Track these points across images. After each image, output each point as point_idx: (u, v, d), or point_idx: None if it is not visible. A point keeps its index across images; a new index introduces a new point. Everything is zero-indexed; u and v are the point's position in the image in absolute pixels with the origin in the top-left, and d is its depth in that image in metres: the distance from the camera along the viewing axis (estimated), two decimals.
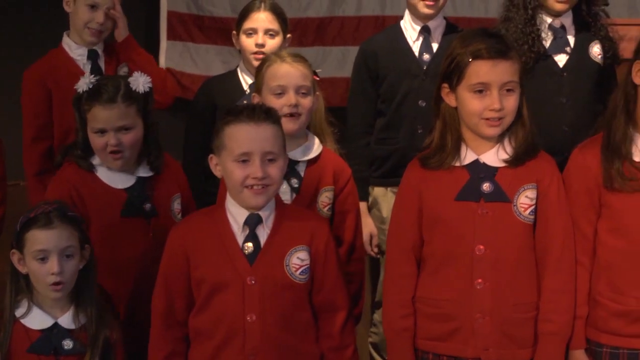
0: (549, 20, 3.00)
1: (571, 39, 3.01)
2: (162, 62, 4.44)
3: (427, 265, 2.33)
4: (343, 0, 4.60)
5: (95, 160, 2.60)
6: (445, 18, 3.21)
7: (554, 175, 2.32)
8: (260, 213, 2.31)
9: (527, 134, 2.31)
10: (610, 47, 3.02)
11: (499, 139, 2.31)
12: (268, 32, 3.19)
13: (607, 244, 2.33)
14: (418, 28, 3.14)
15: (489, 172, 2.29)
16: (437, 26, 3.14)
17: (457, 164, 2.30)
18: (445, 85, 2.31)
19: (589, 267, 2.35)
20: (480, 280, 2.27)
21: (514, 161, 2.29)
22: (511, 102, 2.26)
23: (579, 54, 2.99)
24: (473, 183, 2.29)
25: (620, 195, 2.29)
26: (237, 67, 3.27)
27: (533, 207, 2.29)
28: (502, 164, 2.30)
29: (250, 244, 2.29)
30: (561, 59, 2.99)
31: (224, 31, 4.28)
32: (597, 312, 2.34)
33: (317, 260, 2.34)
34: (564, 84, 2.97)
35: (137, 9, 4.48)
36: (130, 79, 2.59)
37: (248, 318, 2.26)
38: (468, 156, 2.31)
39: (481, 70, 2.24)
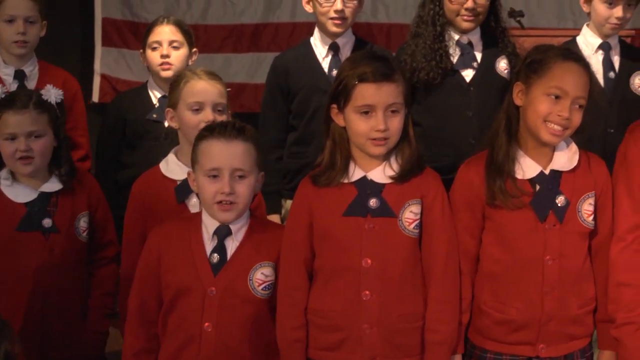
0: (456, 36, 3.10)
1: (478, 55, 3.12)
2: (97, 68, 4.51)
3: (318, 278, 2.41)
4: (277, 7, 4.68)
5: (2, 175, 2.65)
6: (354, 34, 3.28)
7: (438, 191, 2.41)
8: (231, 225, 2.40)
9: (413, 152, 2.39)
10: (516, 63, 3.08)
11: (386, 157, 2.39)
12: (172, 44, 3.29)
13: (492, 256, 2.44)
14: (327, 45, 3.21)
15: (375, 188, 2.37)
16: (345, 42, 3.21)
17: (346, 181, 2.38)
18: (334, 106, 2.39)
19: (470, 277, 2.46)
20: (367, 292, 2.35)
21: (400, 178, 2.37)
22: (396, 122, 2.34)
23: (486, 69, 3.10)
24: (360, 199, 2.37)
25: (503, 211, 2.39)
26: (146, 82, 3.36)
27: (417, 221, 2.38)
28: (389, 181, 2.38)
29: (216, 255, 2.39)
30: (468, 74, 3.10)
31: None
32: (482, 320, 2.45)
33: None
34: (470, 98, 3.07)
35: (71, 16, 4.54)
36: (43, 90, 2.68)
37: (205, 326, 2.35)
38: (356, 173, 2.39)
39: (366, 93, 2.31)
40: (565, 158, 2.43)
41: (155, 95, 3.28)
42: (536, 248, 2.38)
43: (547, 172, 2.41)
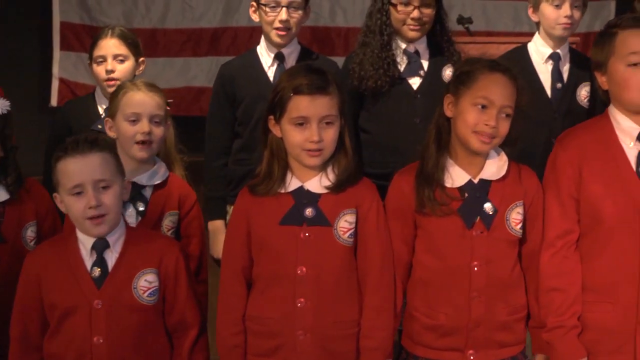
0: (403, 45, 3.16)
1: (425, 63, 3.18)
2: (56, 72, 4.53)
3: (256, 285, 2.47)
4: (236, 11, 4.73)
5: None
6: (300, 43, 3.31)
7: (373, 201, 2.46)
8: (108, 238, 2.42)
9: (349, 163, 2.45)
10: None
11: (323, 167, 2.44)
12: (117, 58, 3.30)
13: (422, 263, 2.49)
14: (273, 54, 3.23)
15: (312, 198, 2.43)
16: (290, 52, 3.23)
17: (283, 191, 2.44)
18: (271, 117, 2.44)
19: (402, 283, 2.51)
20: (302, 300, 2.40)
21: (336, 188, 2.43)
22: (330, 134, 2.40)
23: (432, 77, 3.15)
24: (297, 208, 2.42)
25: (432, 219, 2.45)
26: (94, 91, 3.39)
27: (352, 230, 2.44)
28: (325, 191, 2.43)
29: (97, 268, 2.40)
30: (415, 82, 3.16)
31: None
32: (413, 325, 2.51)
33: (167, 281, 2.46)
34: (417, 106, 3.13)
35: (29, 20, 4.56)
36: None
37: (95, 340, 2.37)
38: (293, 183, 2.44)
39: (301, 105, 2.37)
40: (495, 167, 2.48)
41: (101, 106, 3.31)
42: (463, 254, 2.44)
43: (476, 181, 2.47)
